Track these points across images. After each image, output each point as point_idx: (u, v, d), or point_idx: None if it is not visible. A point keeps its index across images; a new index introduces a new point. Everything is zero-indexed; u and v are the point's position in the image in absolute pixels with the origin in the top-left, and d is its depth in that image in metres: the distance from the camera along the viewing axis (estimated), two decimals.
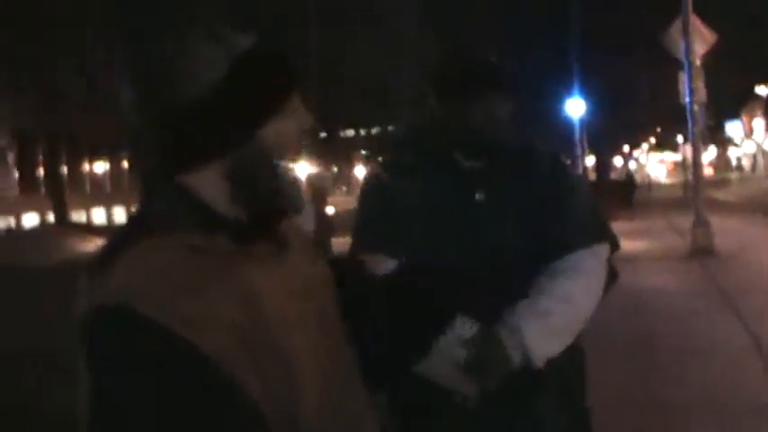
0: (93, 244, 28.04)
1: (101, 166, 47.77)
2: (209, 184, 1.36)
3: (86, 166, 46.41)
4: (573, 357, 2.51)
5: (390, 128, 35.84)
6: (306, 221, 1.57)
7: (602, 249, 2.58)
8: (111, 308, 1.20)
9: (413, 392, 2.23)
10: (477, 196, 2.48)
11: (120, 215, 46.97)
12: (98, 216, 45.88)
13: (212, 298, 1.24)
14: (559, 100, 28.56)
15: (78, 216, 41.06)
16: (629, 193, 38.84)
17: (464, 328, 2.31)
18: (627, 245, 2.30)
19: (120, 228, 1.39)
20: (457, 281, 2.05)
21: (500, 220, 2.49)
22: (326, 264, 1.60)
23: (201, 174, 1.35)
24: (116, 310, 1.20)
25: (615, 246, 2.65)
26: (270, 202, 1.40)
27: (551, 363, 2.38)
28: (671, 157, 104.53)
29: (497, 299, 2.39)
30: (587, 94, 28.79)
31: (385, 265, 2.38)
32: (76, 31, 19.43)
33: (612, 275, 2.63)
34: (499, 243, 2.47)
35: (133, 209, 1.40)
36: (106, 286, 1.23)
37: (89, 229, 34.38)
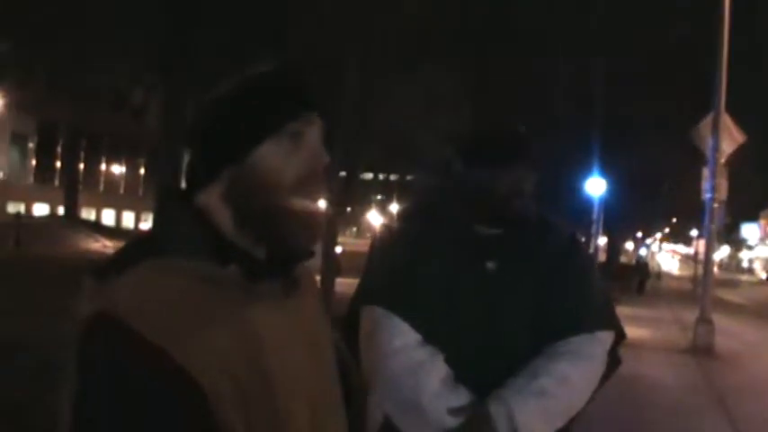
0: (99, 243, 28.15)
1: (118, 168, 48.03)
2: (213, 204, 1.35)
3: (103, 166, 46.68)
4: None
5: (409, 177, 35.93)
6: (313, 258, 1.54)
7: (606, 336, 2.54)
8: (110, 319, 1.18)
9: None
10: (489, 265, 2.45)
11: (129, 219, 47.17)
12: (107, 217, 46.09)
13: (214, 334, 1.22)
14: (581, 177, 28.59)
15: (88, 213, 41.28)
16: (641, 280, 38.38)
17: (457, 396, 2.27)
18: (630, 331, 2.27)
19: (134, 239, 1.38)
20: None
21: (508, 291, 2.45)
22: (329, 320, 1.57)
23: (208, 193, 1.35)
24: (114, 321, 1.17)
25: (621, 335, 2.60)
26: (277, 236, 1.36)
27: None
28: (683, 249, 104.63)
29: (496, 371, 2.35)
30: (608, 174, 28.82)
31: (392, 325, 2.35)
32: (113, 44, 19.74)
33: (614, 363, 2.58)
34: (505, 314, 2.43)
35: (143, 216, 1.38)
36: (110, 296, 1.20)
37: (96, 227, 34.51)
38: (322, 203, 1.47)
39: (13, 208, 34.76)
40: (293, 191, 1.35)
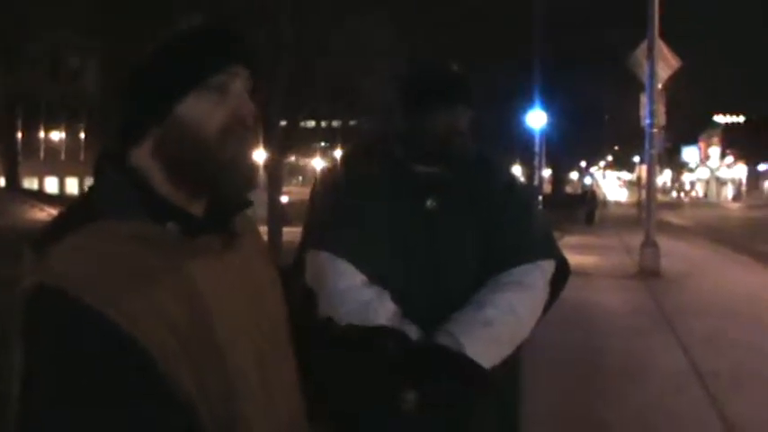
0: (44, 212, 27.70)
1: (57, 135, 47.12)
2: (146, 164, 1.36)
3: (42, 134, 45.78)
4: (510, 368, 2.53)
5: (351, 122, 35.74)
6: (258, 209, 1.55)
7: (548, 266, 2.60)
8: (50, 289, 1.18)
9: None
10: (429, 203, 2.50)
11: (72, 186, 46.42)
12: (50, 185, 45.33)
13: (154, 293, 1.23)
14: (521, 111, 28.72)
15: (30, 183, 40.54)
16: (590, 210, 38.13)
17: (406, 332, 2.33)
18: (577, 259, 2.33)
19: (69, 206, 1.38)
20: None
21: (450, 228, 2.51)
22: (277, 270, 1.59)
23: (139, 152, 1.36)
24: (55, 292, 1.18)
25: (565, 266, 2.67)
26: (209, 188, 1.38)
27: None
28: (627, 176, 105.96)
29: (442, 306, 2.41)
30: (549, 107, 28.97)
31: (336, 268, 2.40)
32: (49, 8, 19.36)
33: (557, 290, 2.65)
34: (448, 250, 2.49)
35: (86, 182, 1.39)
36: (48, 267, 1.21)
37: (40, 196, 33.93)
38: (260, 152, 1.48)
39: None
40: (220, 142, 1.36)
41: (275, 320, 1.49)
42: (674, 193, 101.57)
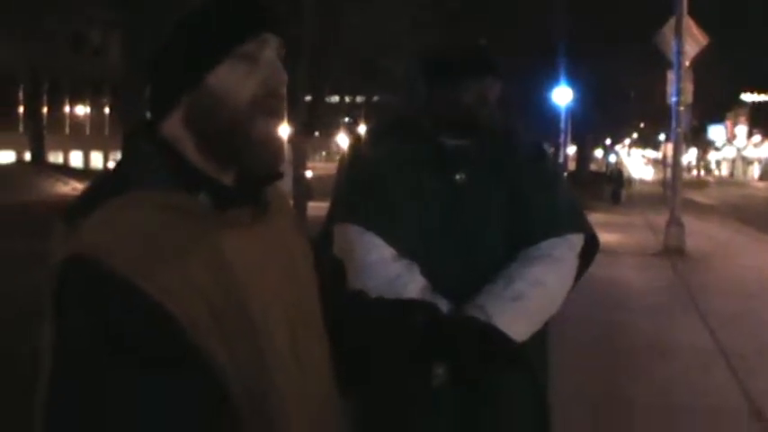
0: (69, 186, 27.90)
1: (82, 109, 47.43)
2: (177, 134, 1.35)
3: (67, 108, 46.07)
4: (538, 342, 2.52)
5: (375, 97, 35.73)
6: (284, 183, 1.54)
7: (577, 239, 2.59)
8: (81, 260, 1.18)
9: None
10: (458, 176, 2.49)
11: (97, 160, 46.76)
12: (75, 159, 45.66)
13: (186, 264, 1.22)
14: (547, 87, 28.53)
15: (55, 157, 40.84)
16: (616, 189, 37.37)
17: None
18: (603, 237, 2.33)
19: (99, 177, 1.37)
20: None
21: (479, 201, 2.49)
22: (308, 241, 1.58)
23: (171, 122, 1.35)
24: (86, 263, 1.17)
25: (594, 239, 2.65)
26: (238, 158, 1.36)
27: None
28: (652, 154, 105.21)
29: (472, 280, 2.40)
30: (575, 83, 28.76)
31: (365, 241, 2.39)
32: None
33: (586, 263, 2.63)
34: (478, 223, 2.48)
35: (111, 155, 1.38)
36: (79, 238, 1.20)
37: (65, 170, 34.19)
38: (284, 127, 1.46)
39: None
40: (251, 112, 1.35)
41: (307, 292, 1.48)
42: (695, 172, 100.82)
